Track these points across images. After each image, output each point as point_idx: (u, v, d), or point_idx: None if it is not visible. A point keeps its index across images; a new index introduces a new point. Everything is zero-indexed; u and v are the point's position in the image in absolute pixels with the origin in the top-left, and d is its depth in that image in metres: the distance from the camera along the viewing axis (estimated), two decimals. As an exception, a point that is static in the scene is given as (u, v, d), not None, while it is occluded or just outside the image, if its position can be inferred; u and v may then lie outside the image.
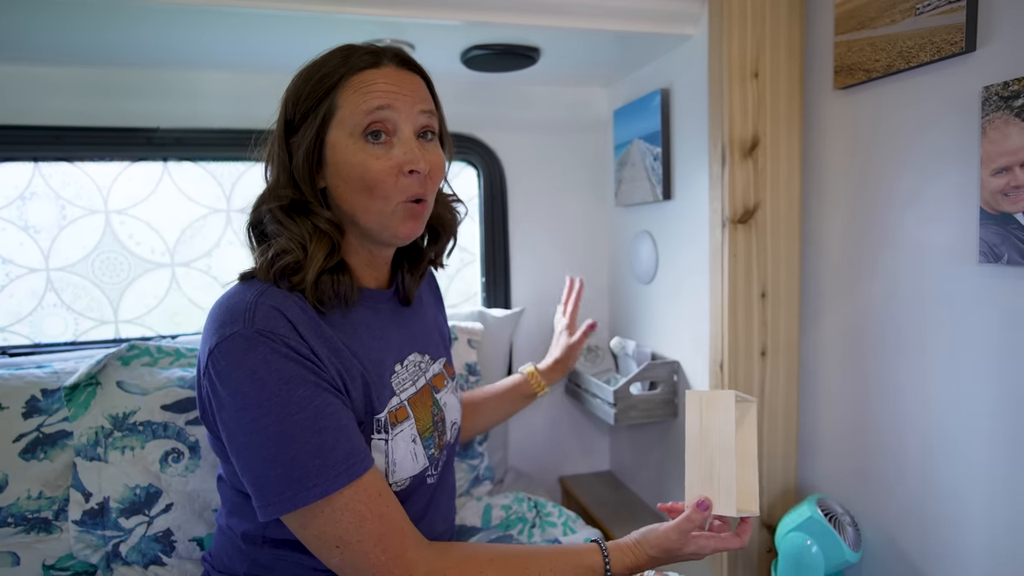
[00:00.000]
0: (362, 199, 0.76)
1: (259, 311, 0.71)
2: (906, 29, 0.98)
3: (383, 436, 0.79)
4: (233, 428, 0.71)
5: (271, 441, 0.69)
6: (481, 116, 1.65)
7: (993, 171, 0.87)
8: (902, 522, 1.06)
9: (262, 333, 0.70)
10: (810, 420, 1.24)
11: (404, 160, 0.75)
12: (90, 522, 1.08)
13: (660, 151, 1.43)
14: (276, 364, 0.69)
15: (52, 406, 1.15)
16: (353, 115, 0.75)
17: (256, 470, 0.70)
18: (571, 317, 1.30)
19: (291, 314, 0.73)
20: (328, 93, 0.75)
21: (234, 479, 0.81)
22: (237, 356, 0.70)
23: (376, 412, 0.79)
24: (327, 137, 0.76)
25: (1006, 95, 0.85)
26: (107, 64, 1.36)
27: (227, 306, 0.74)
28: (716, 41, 1.20)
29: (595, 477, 1.81)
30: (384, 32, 1.23)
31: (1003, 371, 0.89)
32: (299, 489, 0.68)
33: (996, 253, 0.87)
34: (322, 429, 0.70)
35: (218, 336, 0.71)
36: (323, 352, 0.74)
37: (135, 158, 1.47)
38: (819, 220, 1.20)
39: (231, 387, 0.70)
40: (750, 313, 1.22)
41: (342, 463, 0.70)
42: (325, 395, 0.72)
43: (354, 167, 0.75)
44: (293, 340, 0.71)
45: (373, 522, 0.70)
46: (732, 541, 0.82)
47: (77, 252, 1.48)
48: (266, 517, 0.70)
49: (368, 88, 0.75)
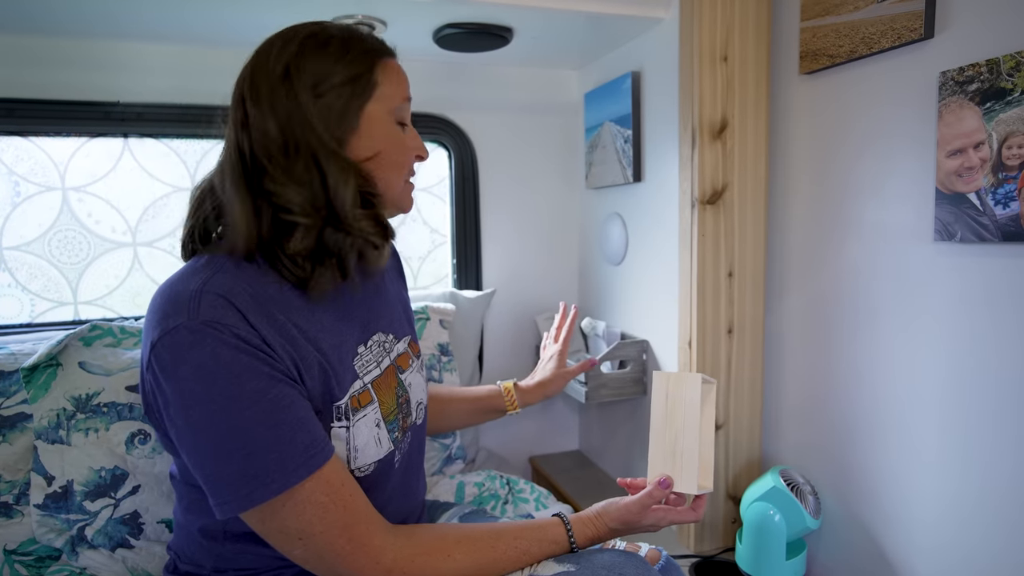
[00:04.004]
0: (389, 173, 0.80)
1: (204, 300, 0.67)
2: (869, 16, 1.01)
3: (343, 424, 0.76)
4: (182, 426, 0.67)
5: (224, 437, 0.66)
6: (453, 97, 1.65)
7: (948, 153, 0.91)
8: (858, 491, 1.11)
9: (208, 324, 0.66)
10: (774, 395, 1.29)
11: (417, 147, 0.83)
12: (53, 506, 1.05)
13: (631, 133, 1.44)
14: (225, 357, 0.66)
15: (10, 388, 1.11)
16: (393, 97, 0.79)
17: (210, 468, 0.67)
18: (564, 344, 1.20)
19: (239, 302, 0.69)
20: (372, 68, 0.77)
21: (186, 475, 0.79)
22: (182, 350, 0.66)
23: (336, 399, 0.76)
24: (366, 107, 0.77)
25: (961, 80, 0.89)
26: (63, 34, 1.30)
27: (169, 295, 0.69)
28: (687, 24, 1.22)
29: (564, 456, 1.84)
30: (357, 8, 1.21)
31: (955, 344, 0.94)
32: (256, 485, 0.65)
33: (950, 231, 0.92)
34: (278, 423, 0.67)
35: (160, 329, 0.67)
36: (275, 341, 0.70)
37: (94, 133, 1.42)
38: (784, 200, 1.24)
39: (176, 383, 0.66)
40: (718, 292, 1.25)
41: (300, 455, 0.67)
42: (280, 386, 0.68)
43: (391, 142, 0.79)
44: (243, 330, 0.67)
45: (336, 512, 0.69)
46: (688, 514, 0.85)
47: (32, 231, 1.42)
48: (224, 515, 0.67)
49: (398, 78, 0.80)
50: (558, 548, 0.80)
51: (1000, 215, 0.85)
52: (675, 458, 0.86)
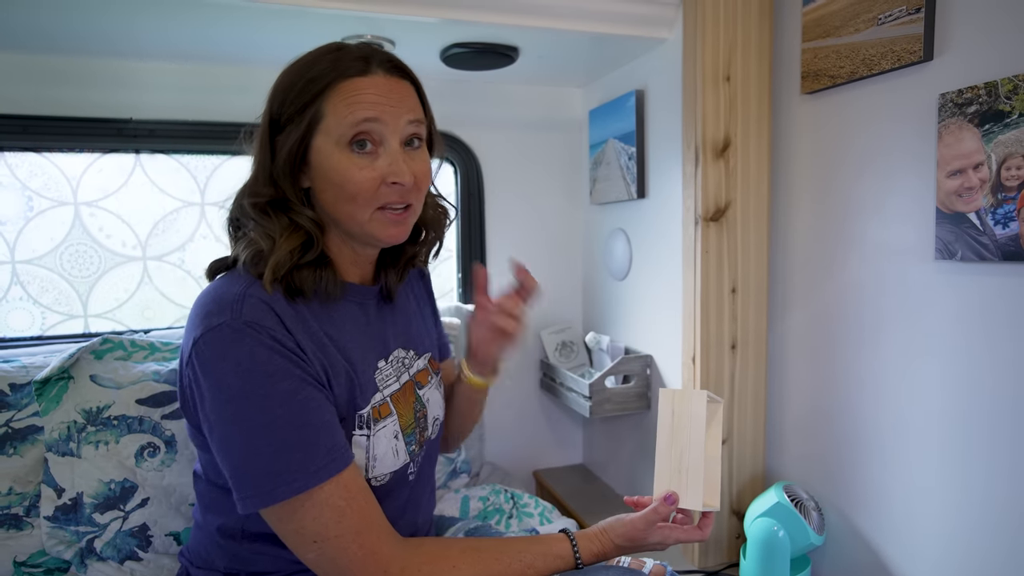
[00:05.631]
0: (344, 206, 0.76)
1: (247, 303, 0.71)
2: (869, 38, 1.03)
3: (365, 432, 0.79)
4: (215, 420, 0.71)
5: (253, 434, 0.69)
6: (459, 114, 1.67)
7: (948, 173, 0.92)
8: (862, 507, 1.11)
9: (249, 324, 0.70)
10: (777, 411, 1.29)
11: (388, 172, 0.75)
12: (63, 518, 1.06)
13: (635, 151, 1.46)
14: (261, 356, 0.69)
15: (21, 401, 1.13)
16: (339, 125, 0.73)
17: (237, 462, 0.70)
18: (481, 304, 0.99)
19: (279, 307, 0.73)
20: (315, 99, 0.74)
21: (211, 473, 0.81)
22: (223, 347, 0.69)
23: (359, 408, 0.79)
24: (312, 142, 0.75)
25: (960, 102, 0.90)
26: (77, 53, 1.33)
27: (214, 296, 0.74)
28: (690, 45, 1.24)
29: (568, 470, 1.84)
30: (365, 28, 1.23)
31: (955, 361, 0.95)
32: (280, 483, 0.68)
33: (951, 250, 0.93)
34: (304, 424, 0.70)
35: (204, 326, 0.71)
36: (309, 346, 0.74)
37: (106, 149, 1.45)
38: (787, 218, 1.25)
39: (215, 378, 0.70)
40: (721, 308, 1.26)
41: (323, 458, 0.70)
42: (309, 389, 0.72)
43: (337, 174, 0.74)
44: (279, 333, 0.71)
45: (352, 517, 0.71)
46: (694, 533, 0.85)
47: (44, 244, 1.44)
48: (246, 510, 0.70)
49: (356, 98, 0.73)
50: (563, 564, 0.80)
51: (1000, 235, 0.86)
52: (681, 475, 0.86)
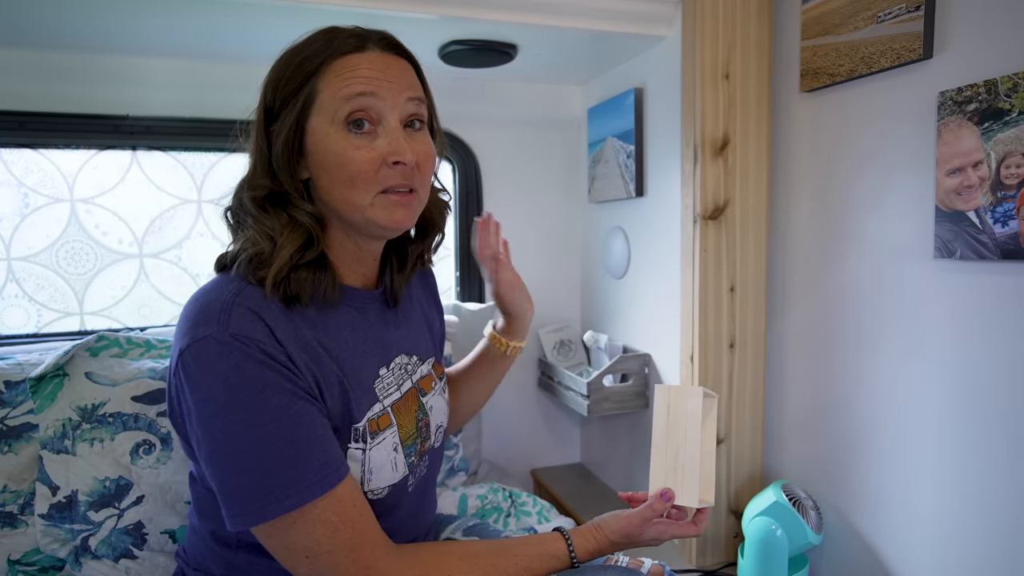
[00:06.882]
0: (343, 191, 0.72)
1: (235, 313, 0.67)
2: (868, 36, 1.03)
3: (360, 445, 0.76)
4: (202, 435, 0.68)
5: (242, 451, 0.66)
6: (457, 112, 1.66)
7: (947, 171, 0.92)
8: (860, 506, 1.11)
9: (236, 338, 0.66)
10: (775, 409, 1.29)
11: (389, 151, 0.71)
12: (57, 516, 1.06)
13: (633, 149, 1.46)
14: (250, 371, 0.66)
15: (16, 398, 1.12)
16: (334, 101, 0.70)
17: (225, 479, 0.68)
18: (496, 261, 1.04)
19: (269, 316, 0.69)
20: (309, 78, 0.71)
21: (205, 478, 0.79)
22: (208, 361, 0.66)
23: (355, 421, 0.76)
24: (307, 124, 0.72)
25: (960, 100, 0.90)
26: (80, 50, 1.33)
27: (202, 304, 0.70)
28: (689, 43, 1.24)
29: (566, 469, 1.83)
30: (364, 24, 1.22)
31: (954, 359, 0.95)
32: (270, 500, 0.66)
33: (950, 249, 0.93)
34: (296, 439, 0.67)
35: (190, 337, 0.67)
36: (300, 357, 0.70)
37: (102, 146, 1.44)
38: (785, 216, 1.25)
39: (201, 392, 0.67)
40: (719, 307, 1.26)
41: (315, 474, 0.67)
42: (301, 403, 0.69)
43: (335, 156, 0.71)
44: (269, 346, 0.68)
45: (345, 532, 0.68)
46: (689, 528, 0.85)
47: (40, 241, 1.44)
48: (235, 528, 0.67)
49: (350, 73, 0.70)
50: (559, 563, 0.80)
51: (999, 233, 0.86)
52: (676, 471, 0.86)
